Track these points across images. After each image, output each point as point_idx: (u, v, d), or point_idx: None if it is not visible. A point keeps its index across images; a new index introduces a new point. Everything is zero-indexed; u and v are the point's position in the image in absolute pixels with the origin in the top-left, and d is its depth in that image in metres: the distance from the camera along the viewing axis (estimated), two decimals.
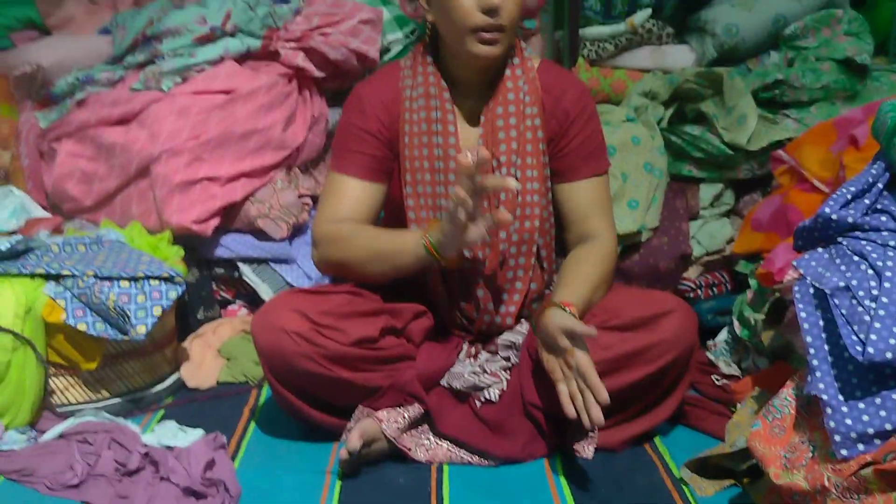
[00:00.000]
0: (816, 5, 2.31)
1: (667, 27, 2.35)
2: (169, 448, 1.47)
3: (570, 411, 1.32)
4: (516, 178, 1.52)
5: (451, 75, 1.54)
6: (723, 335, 1.88)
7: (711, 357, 1.84)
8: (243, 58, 2.11)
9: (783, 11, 2.29)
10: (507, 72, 1.53)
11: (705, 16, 2.32)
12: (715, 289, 2.04)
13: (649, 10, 2.31)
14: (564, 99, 1.54)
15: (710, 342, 1.89)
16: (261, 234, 2.06)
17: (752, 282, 1.78)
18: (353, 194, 1.53)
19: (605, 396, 1.30)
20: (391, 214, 1.62)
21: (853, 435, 1.06)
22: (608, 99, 2.37)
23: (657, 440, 1.55)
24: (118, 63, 2.15)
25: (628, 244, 1.98)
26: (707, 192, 2.09)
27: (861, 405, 1.08)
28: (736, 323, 1.80)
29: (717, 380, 1.76)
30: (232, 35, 2.10)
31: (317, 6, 2.21)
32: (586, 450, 1.47)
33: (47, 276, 1.63)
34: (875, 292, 1.09)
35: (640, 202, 1.98)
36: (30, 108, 2.17)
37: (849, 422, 1.07)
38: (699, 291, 2.02)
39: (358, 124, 1.54)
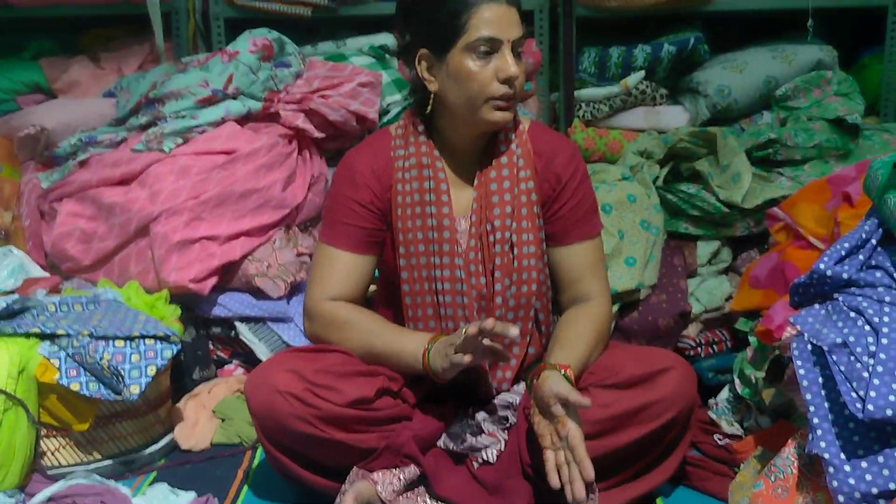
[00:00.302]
0: (806, 67, 2.36)
1: (660, 88, 2.40)
2: None
3: (554, 481, 1.30)
4: (511, 243, 1.51)
5: (446, 142, 1.54)
6: (724, 394, 1.86)
7: (713, 416, 1.81)
8: (244, 119, 2.15)
9: (774, 73, 2.34)
10: (501, 135, 1.54)
11: (697, 77, 2.37)
12: (715, 346, 2.02)
13: (642, 73, 2.36)
14: (556, 162, 1.54)
15: (711, 401, 1.87)
16: (258, 293, 2.05)
17: (752, 339, 1.77)
18: (343, 268, 1.52)
19: (590, 474, 1.28)
20: (386, 280, 1.61)
21: (857, 494, 1.04)
22: (604, 158, 2.41)
23: (659, 501, 1.51)
24: (121, 125, 2.19)
25: (627, 302, 1.98)
26: (704, 249, 2.10)
27: (864, 464, 1.05)
28: (737, 381, 1.78)
29: (720, 439, 1.73)
30: (234, 97, 2.14)
31: (317, 70, 2.26)
32: None
33: (42, 336, 1.62)
34: (873, 348, 1.08)
35: (638, 259, 1.99)
36: (32, 169, 2.20)
37: (852, 481, 1.04)
38: (699, 349, 2.01)
39: (349, 195, 1.53)
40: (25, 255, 2.03)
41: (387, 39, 2.46)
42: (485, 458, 1.47)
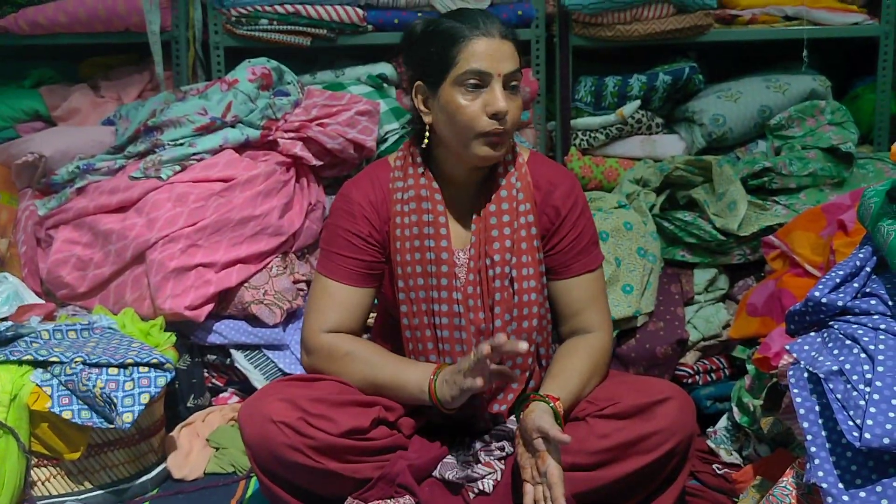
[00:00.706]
0: (800, 97, 2.39)
1: (656, 117, 2.42)
2: None
3: None
4: (511, 277, 1.49)
5: (445, 175, 1.53)
6: (723, 422, 1.85)
7: (712, 445, 1.80)
8: (243, 147, 2.16)
9: (768, 103, 2.36)
10: (500, 168, 1.52)
11: (693, 107, 2.39)
12: (713, 374, 2.01)
13: (638, 102, 2.38)
14: (555, 195, 1.52)
15: (710, 430, 1.85)
16: (254, 320, 2.05)
17: (750, 367, 1.76)
18: (341, 300, 1.50)
19: None
20: (385, 311, 1.60)
21: None
22: (600, 186, 2.42)
23: None
24: (119, 152, 2.20)
25: (624, 329, 1.97)
26: (701, 277, 2.10)
27: (862, 494, 1.04)
28: (735, 410, 1.77)
29: (718, 469, 1.72)
30: (232, 125, 2.15)
31: (315, 98, 2.28)
32: None
33: (35, 363, 1.61)
34: (869, 376, 1.08)
35: (635, 287, 1.99)
36: (30, 196, 2.20)
37: None
38: (697, 377, 2.00)
39: (347, 227, 1.51)
40: (20, 282, 2.03)
41: (385, 69, 2.48)
42: (481, 488, 1.45)
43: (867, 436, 1.02)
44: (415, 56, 1.49)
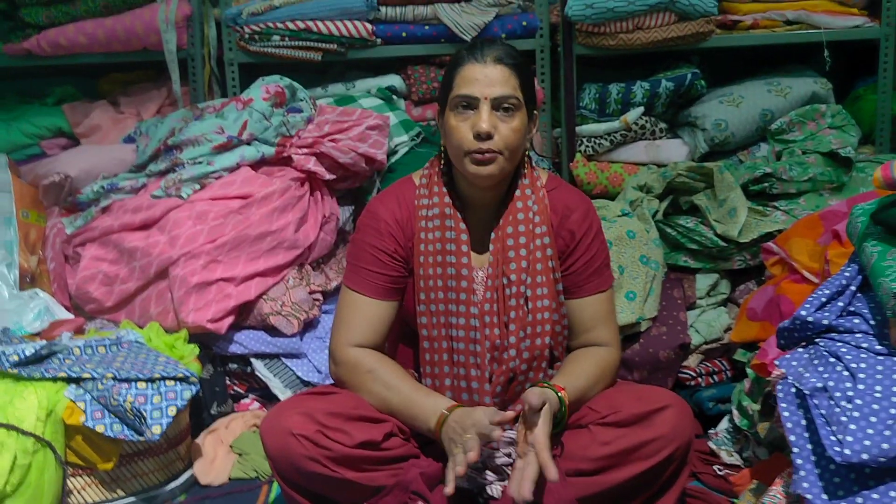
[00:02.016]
0: (801, 100, 2.42)
1: (659, 123, 2.47)
2: None
3: (510, 488, 1.35)
4: (526, 297, 1.56)
5: (462, 195, 1.60)
6: (724, 424, 1.91)
7: (713, 446, 1.86)
8: (258, 164, 2.24)
9: (769, 106, 2.40)
10: (517, 191, 1.59)
11: (695, 112, 2.44)
12: (715, 377, 2.07)
13: (641, 109, 2.43)
14: (571, 219, 1.60)
15: (711, 431, 1.92)
16: (273, 331, 2.13)
17: (749, 371, 1.82)
18: (368, 313, 1.58)
19: (552, 475, 1.33)
20: (403, 324, 1.66)
21: None
22: (605, 191, 2.47)
23: None
24: (141, 171, 2.28)
25: (628, 334, 2.04)
26: (703, 282, 2.16)
27: None
28: (735, 412, 1.83)
29: (719, 470, 1.78)
30: (248, 143, 2.23)
31: (327, 115, 2.35)
32: None
33: (68, 380, 1.70)
34: (850, 393, 1.14)
35: (638, 293, 2.05)
36: (57, 215, 2.30)
37: None
38: (700, 379, 2.06)
39: (374, 244, 1.58)
40: (51, 298, 2.12)
41: (394, 80, 2.55)
42: (490, 493, 1.53)
43: (847, 451, 1.08)
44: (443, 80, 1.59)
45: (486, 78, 1.49)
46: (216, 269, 2.06)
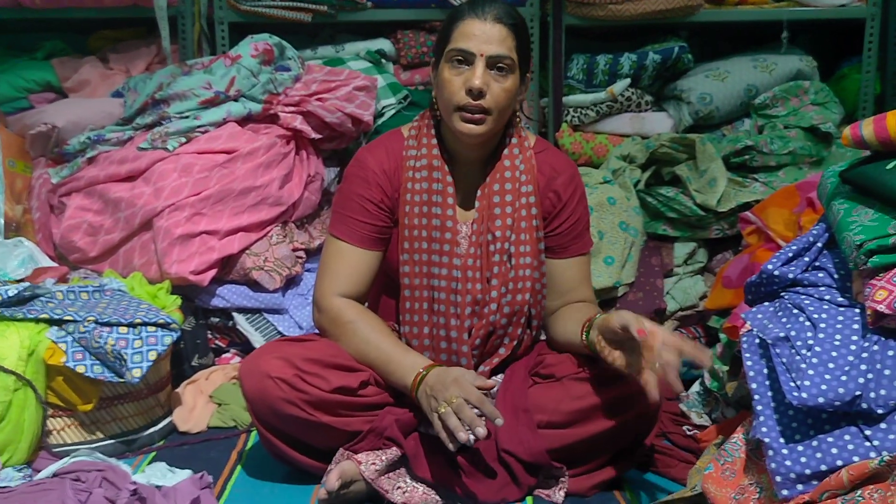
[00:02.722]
0: (786, 77, 2.45)
1: (645, 95, 2.49)
2: (157, 487, 1.53)
3: (654, 395, 1.37)
4: (510, 254, 1.59)
5: (450, 148, 1.62)
6: (695, 387, 1.95)
7: (684, 408, 1.90)
8: (244, 120, 2.25)
9: (754, 82, 2.43)
10: (505, 150, 1.61)
11: (681, 85, 2.46)
12: None
13: (628, 80, 2.45)
14: (557, 181, 1.63)
15: (682, 394, 1.96)
16: (255, 286, 2.16)
17: (722, 336, 1.86)
18: (352, 262, 1.60)
19: (706, 360, 1.37)
20: (386, 275, 1.68)
21: (792, 476, 1.13)
22: (590, 161, 2.50)
23: (626, 486, 1.61)
24: (128, 124, 2.29)
25: (604, 299, 2.08)
26: (681, 250, 2.20)
27: (800, 448, 1.15)
28: (706, 375, 1.88)
29: (689, 430, 1.83)
30: (235, 99, 2.24)
31: (315, 74, 2.36)
32: (557, 494, 1.54)
33: (50, 321, 1.72)
34: (811, 342, 1.18)
35: (616, 259, 2.08)
36: (43, 165, 2.30)
37: (789, 463, 1.14)
38: None
39: (361, 193, 1.60)
40: (35, 246, 2.13)
41: (383, 45, 2.56)
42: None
43: (804, 395, 1.12)
44: (438, 32, 1.60)
45: (484, 34, 1.51)
46: (200, 221, 2.08)
